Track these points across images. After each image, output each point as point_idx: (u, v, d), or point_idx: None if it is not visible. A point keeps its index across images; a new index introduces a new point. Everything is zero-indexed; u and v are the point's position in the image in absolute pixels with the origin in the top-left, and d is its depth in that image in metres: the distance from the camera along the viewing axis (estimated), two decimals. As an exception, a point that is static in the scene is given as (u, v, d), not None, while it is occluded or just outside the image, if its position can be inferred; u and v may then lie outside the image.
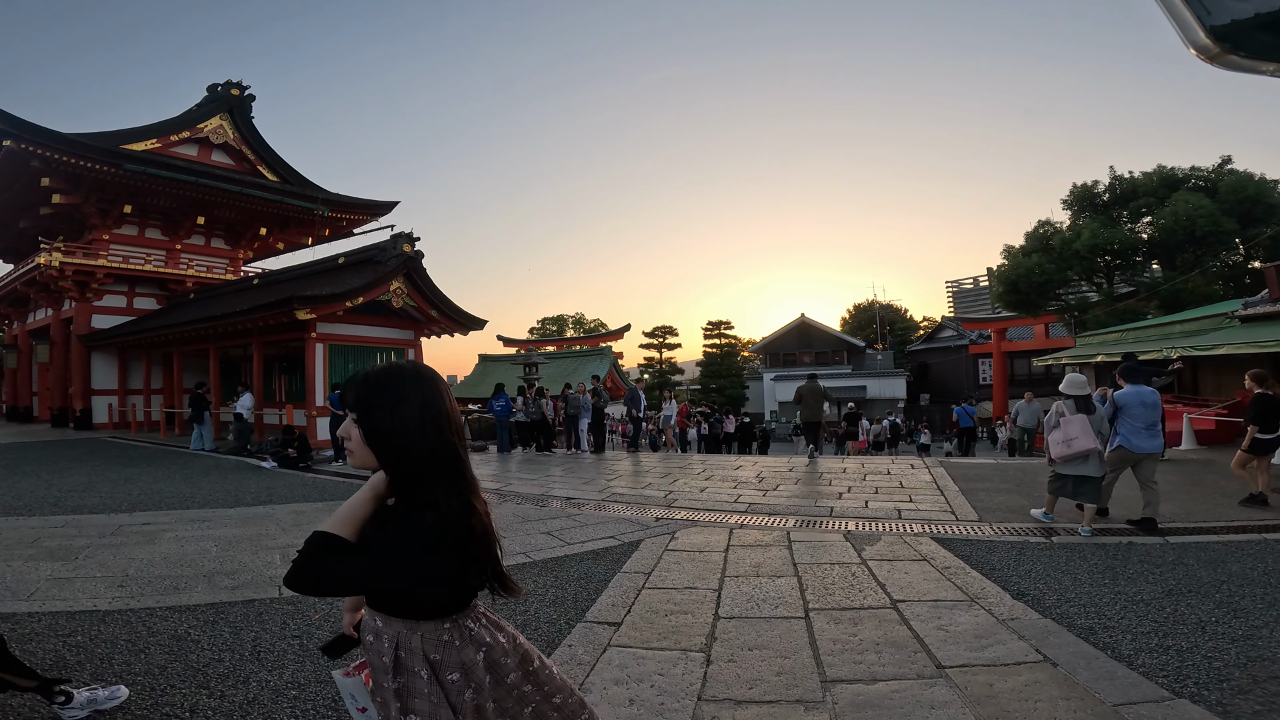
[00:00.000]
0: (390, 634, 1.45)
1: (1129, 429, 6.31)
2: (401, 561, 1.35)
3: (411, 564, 1.36)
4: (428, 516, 1.36)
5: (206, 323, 16.68)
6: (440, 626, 1.46)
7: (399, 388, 1.43)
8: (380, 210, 27.69)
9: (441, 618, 1.46)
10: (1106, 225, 26.20)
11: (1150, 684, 3.00)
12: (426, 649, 1.44)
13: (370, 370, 1.47)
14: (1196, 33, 0.94)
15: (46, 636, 3.68)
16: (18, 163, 18.78)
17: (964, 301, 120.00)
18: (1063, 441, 6.06)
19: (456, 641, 1.47)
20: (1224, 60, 0.97)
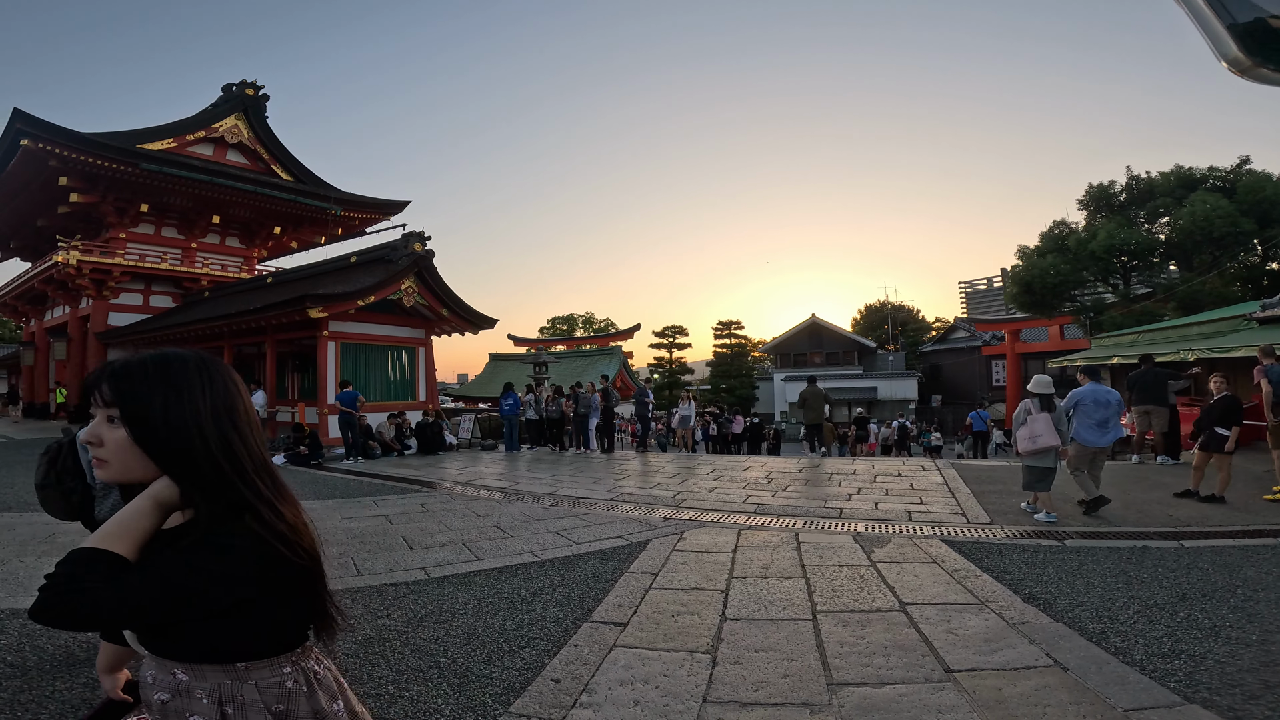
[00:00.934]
0: (206, 688, 1.07)
1: (1082, 424, 6.79)
2: (209, 577, 1.01)
3: (223, 580, 1.02)
4: (237, 525, 1.06)
5: (221, 320, 16.84)
6: (278, 670, 1.12)
7: (177, 375, 1.12)
8: (392, 209, 27.84)
9: (277, 655, 1.12)
10: (1123, 226, 25.92)
11: (1162, 689, 2.96)
12: (266, 701, 1.09)
13: (132, 357, 1.14)
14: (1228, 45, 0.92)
15: (56, 632, 3.70)
16: (36, 162, 19.03)
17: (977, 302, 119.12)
18: (1029, 438, 6.52)
19: (304, 688, 1.14)
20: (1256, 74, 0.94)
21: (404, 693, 3.03)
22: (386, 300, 15.58)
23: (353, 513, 7.36)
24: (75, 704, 2.87)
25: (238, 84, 24.72)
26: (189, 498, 1.10)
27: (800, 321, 47.71)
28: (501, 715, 2.83)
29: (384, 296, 15.37)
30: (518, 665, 3.33)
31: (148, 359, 1.14)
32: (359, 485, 9.58)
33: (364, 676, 3.20)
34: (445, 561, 5.28)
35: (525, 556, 5.43)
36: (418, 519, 7.02)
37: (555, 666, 3.31)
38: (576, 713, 2.84)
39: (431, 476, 10.33)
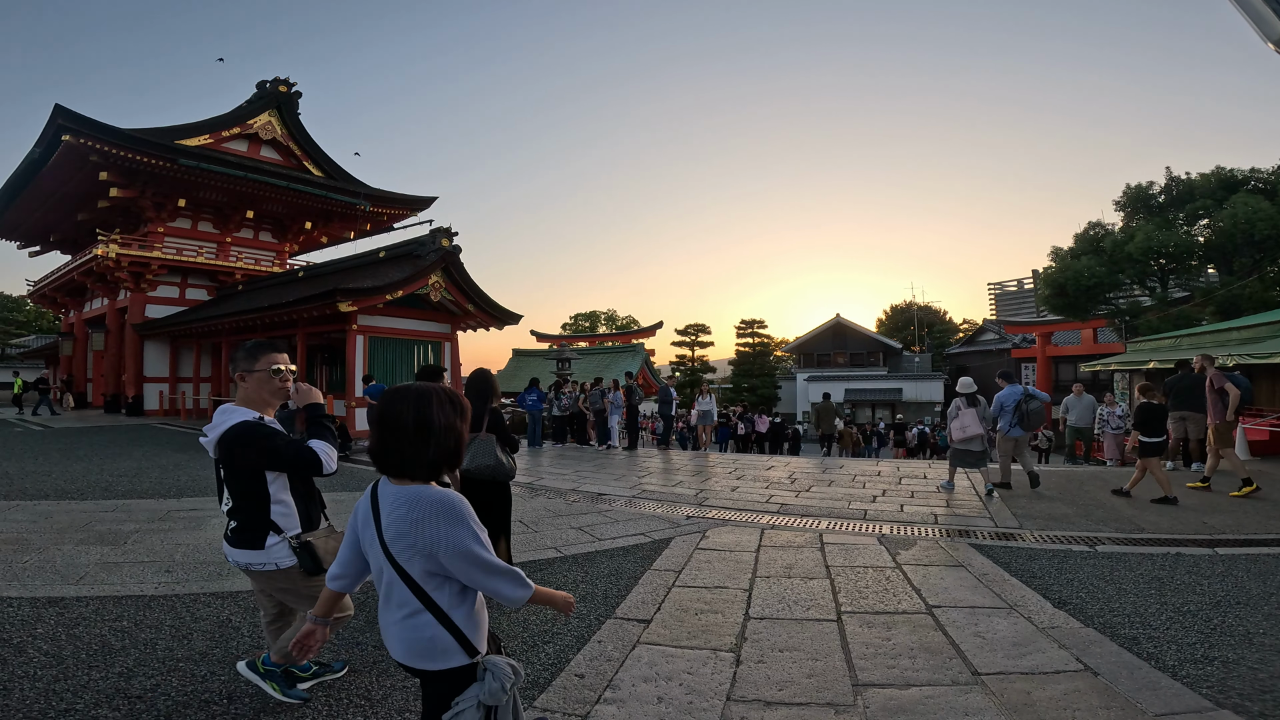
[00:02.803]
0: None
1: (1003, 421, 8.37)
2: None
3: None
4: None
5: (254, 313, 17.14)
6: None
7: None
8: (419, 205, 28.15)
9: None
10: (1161, 227, 25.28)
11: (1193, 694, 2.92)
12: None
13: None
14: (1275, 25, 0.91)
15: (93, 621, 3.79)
16: (78, 157, 19.54)
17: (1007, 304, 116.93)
18: (960, 429, 8.10)
19: None
20: None
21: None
22: (414, 295, 15.76)
23: (379, 504, 7.46)
24: (109, 693, 2.93)
25: (271, 81, 25.16)
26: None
27: (824, 321, 47.34)
28: (526, 709, 2.84)
29: (411, 291, 15.54)
30: (542, 660, 3.36)
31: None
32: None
33: (391, 669, 3.24)
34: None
35: (549, 552, 5.46)
36: (443, 512, 7.10)
37: (579, 662, 3.32)
38: (601, 709, 2.85)
39: (456, 470, 10.42)
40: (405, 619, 1.79)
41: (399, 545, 1.77)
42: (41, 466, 10.13)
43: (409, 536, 1.75)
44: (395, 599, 1.81)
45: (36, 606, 3.99)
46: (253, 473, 2.62)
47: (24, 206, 24.38)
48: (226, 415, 2.60)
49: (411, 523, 1.74)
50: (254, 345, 2.76)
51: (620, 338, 39.56)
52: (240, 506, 2.65)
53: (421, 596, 1.77)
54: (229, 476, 2.66)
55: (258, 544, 2.64)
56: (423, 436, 1.78)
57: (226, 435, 2.55)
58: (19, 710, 2.75)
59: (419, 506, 1.75)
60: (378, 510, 1.83)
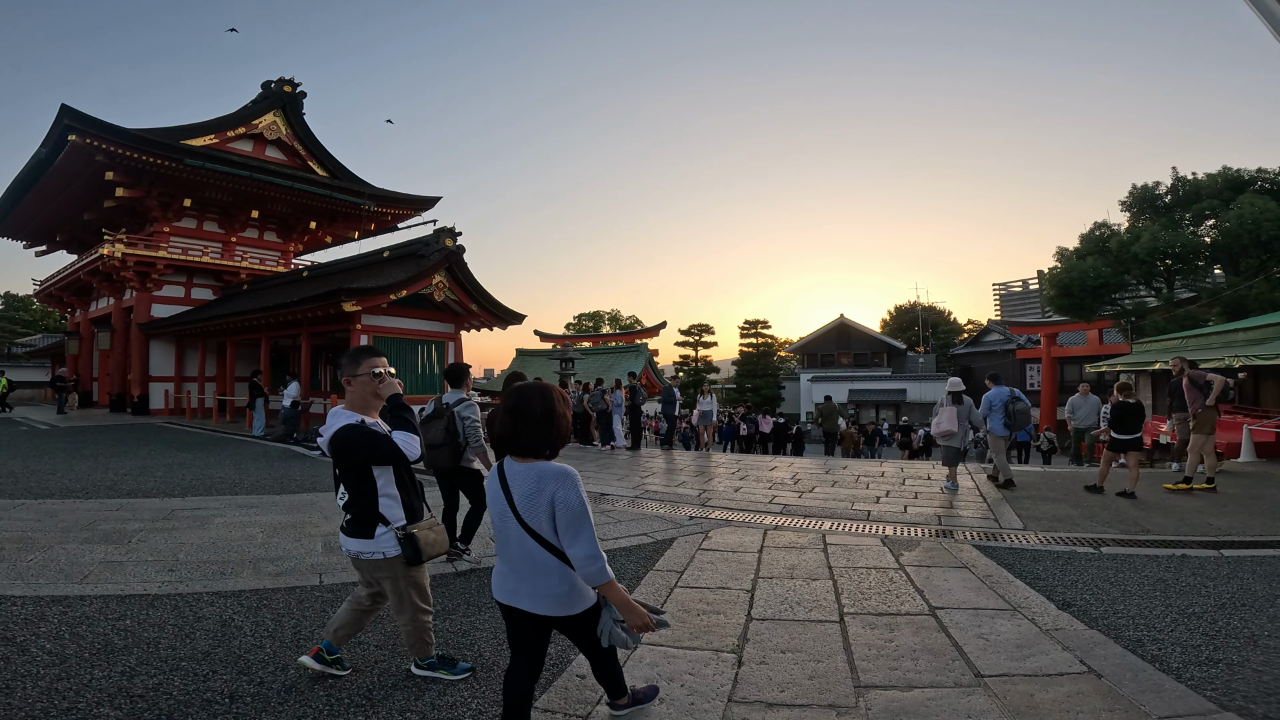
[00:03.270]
0: None
1: (993, 420, 8.78)
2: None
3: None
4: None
5: (259, 313, 17.18)
6: None
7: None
8: (423, 205, 28.18)
9: None
10: (1167, 228, 25.17)
11: (1197, 697, 2.92)
12: None
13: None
14: None
15: (96, 620, 3.80)
16: (84, 157, 19.60)
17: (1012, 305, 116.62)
18: (936, 425, 8.76)
19: None
20: None
21: (431, 686, 3.06)
22: (418, 295, 15.78)
23: (382, 504, 7.47)
24: (112, 692, 2.93)
25: (276, 81, 25.20)
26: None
27: (828, 322, 47.28)
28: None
29: (415, 291, 15.57)
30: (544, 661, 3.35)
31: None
32: (389, 477, 9.70)
33: (392, 669, 3.24)
34: (473, 556, 5.33)
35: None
36: (446, 512, 7.10)
37: (581, 662, 3.31)
38: (602, 709, 2.85)
39: (459, 470, 10.43)
40: (545, 577, 2.27)
41: (529, 510, 2.24)
42: (46, 465, 10.17)
43: (536, 502, 2.22)
44: (533, 562, 2.26)
45: (40, 605, 4.00)
46: (360, 469, 2.89)
47: (30, 206, 24.46)
48: (335, 419, 2.90)
49: (538, 490, 2.21)
50: (356, 351, 3.04)
51: (624, 338, 39.53)
52: (352, 500, 2.92)
53: (556, 554, 2.25)
54: (342, 474, 2.96)
55: (368, 534, 2.90)
56: (548, 422, 2.28)
57: (335, 438, 2.85)
58: (21, 709, 2.76)
59: (545, 476, 2.23)
60: (507, 486, 2.29)
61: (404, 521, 2.94)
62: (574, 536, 2.18)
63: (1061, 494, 8.12)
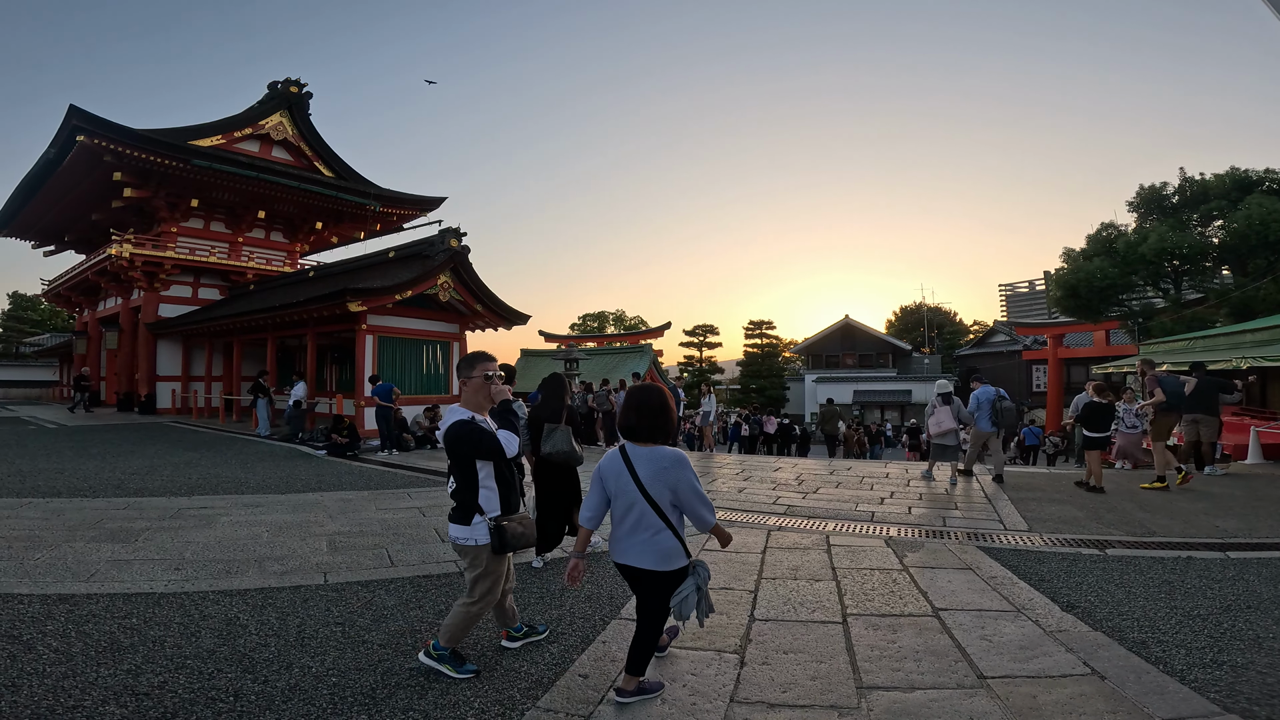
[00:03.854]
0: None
1: (980, 418, 9.13)
2: None
3: None
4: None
5: (265, 313, 17.24)
6: None
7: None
8: (429, 206, 28.24)
9: None
10: (1175, 228, 25.03)
11: (1201, 699, 2.91)
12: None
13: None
14: None
15: (103, 618, 3.82)
16: (92, 158, 19.72)
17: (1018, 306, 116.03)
18: (935, 424, 9.40)
19: None
20: None
21: (434, 684, 3.07)
22: (423, 295, 15.80)
23: (388, 504, 7.49)
24: (117, 690, 2.95)
25: (282, 82, 25.28)
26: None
27: (833, 322, 47.18)
28: (530, 709, 2.86)
29: (420, 291, 15.59)
30: (546, 660, 3.36)
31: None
32: (393, 477, 9.75)
33: (395, 668, 3.25)
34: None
35: (554, 552, 5.47)
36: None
37: (583, 662, 3.33)
38: (604, 709, 2.86)
39: (464, 470, 10.45)
40: (653, 537, 2.83)
41: (654, 486, 2.82)
42: (54, 464, 10.23)
43: (661, 479, 2.81)
44: (645, 525, 2.83)
45: (47, 604, 4.03)
46: (466, 462, 3.17)
47: (39, 206, 24.63)
48: (450, 415, 3.24)
49: (661, 470, 2.82)
50: (471, 356, 3.37)
51: (628, 338, 39.51)
52: (458, 489, 3.22)
53: (665, 521, 2.83)
54: (452, 465, 3.25)
55: (466, 521, 3.18)
56: (665, 415, 2.91)
57: (448, 432, 3.17)
58: (27, 706, 2.78)
59: (665, 459, 2.84)
60: (630, 465, 2.86)
61: (498, 513, 3.18)
62: (696, 504, 2.85)
63: (1066, 495, 8.09)
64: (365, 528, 6.25)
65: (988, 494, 8.23)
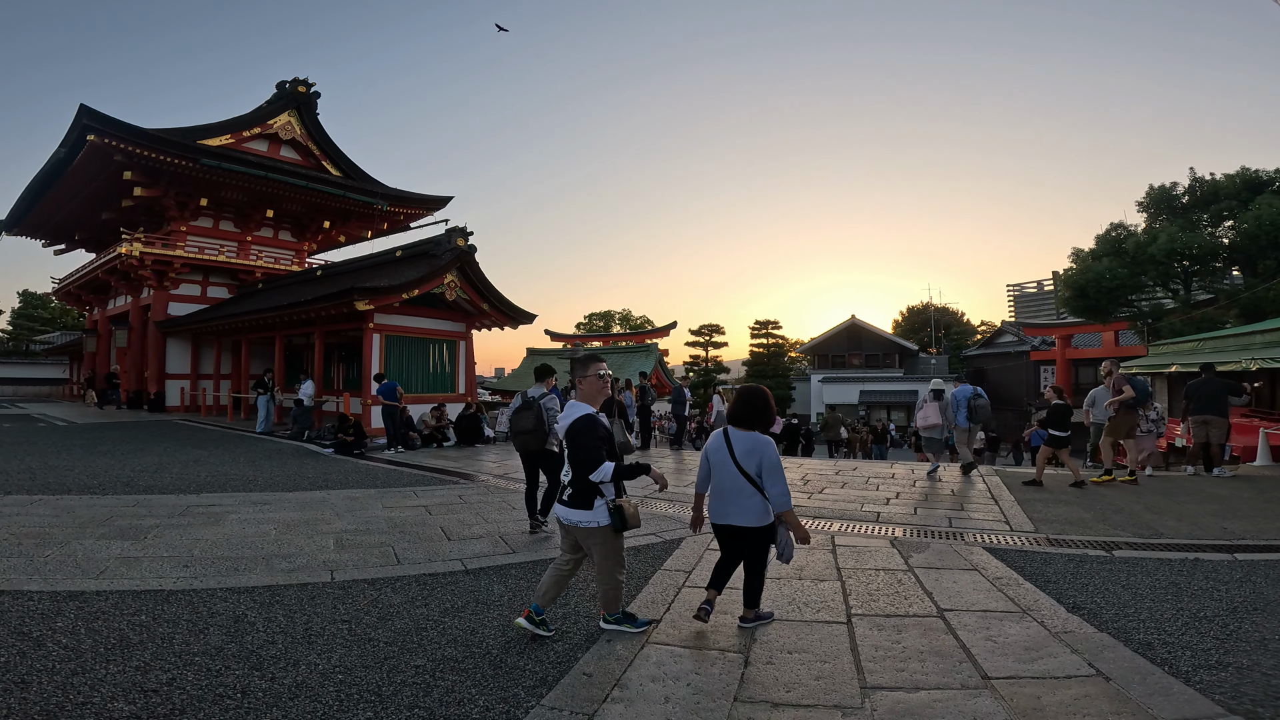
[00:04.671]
0: None
1: (959, 414, 10.05)
2: None
3: None
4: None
5: (273, 312, 17.34)
6: None
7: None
8: (435, 205, 28.33)
9: None
10: (1185, 229, 24.86)
11: (1206, 700, 2.90)
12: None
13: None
14: None
15: (112, 615, 3.85)
16: (102, 157, 19.87)
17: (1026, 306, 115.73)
18: (923, 419, 10.32)
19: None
20: None
21: (439, 682, 3.09)
22: (430, 294, 15.86)
23: (394, 502, 7.53)
24: (126, 687, 2.97)
25: (290, 81, 25.42)
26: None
27: (839, 322, 47.10)
28: (534, 707, 2.87)
29: (427, 290, 15.64)
30: (550, 658, 3.37)
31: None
32: (399, 475, 9.79)
33: (401, 665, 3.27)
34: (482, 553, 5.37)
35: (557, 551, 5.48)
36: (455, 510, 7.15)
37: (588, 661, 3.34)
38: (608, 708, 2.87)
39: (469, 469, 10.50)
40: (748, 501, 3.62)
41: (746, 460, 3.63)
42: (65, 461, 10.32)
43: (751, 455, 3.62)
44: (741, 492, 3.64)
45: (57, 600, 4.06)
46: (594, 451, 3.48)
47: (49, 205, 24.83)
48: (574, 409, 3.62)
49: (753, 449, 3.64)
50: (585, 357, 3.80)
51: (634, 338, 39.50)
52: (578, 477, 3.54)
53: (756, 487, 3.61)
54: (571, 454, 3.56)
55: (588, 505, 3.55)
56: (768, 409, 3.78)
57: (575, 424, 3.54)
58: (36, 703, 2.80)
59: (757, 441, 3.67)
60: (729, 443, 3.70)
61: (614, 496, 3.55)
62: (774, 481, 3.59)
63: (1074, 496, 8.06)
64: (371, 526, 6.28)
65: (994, 495, 8.21)
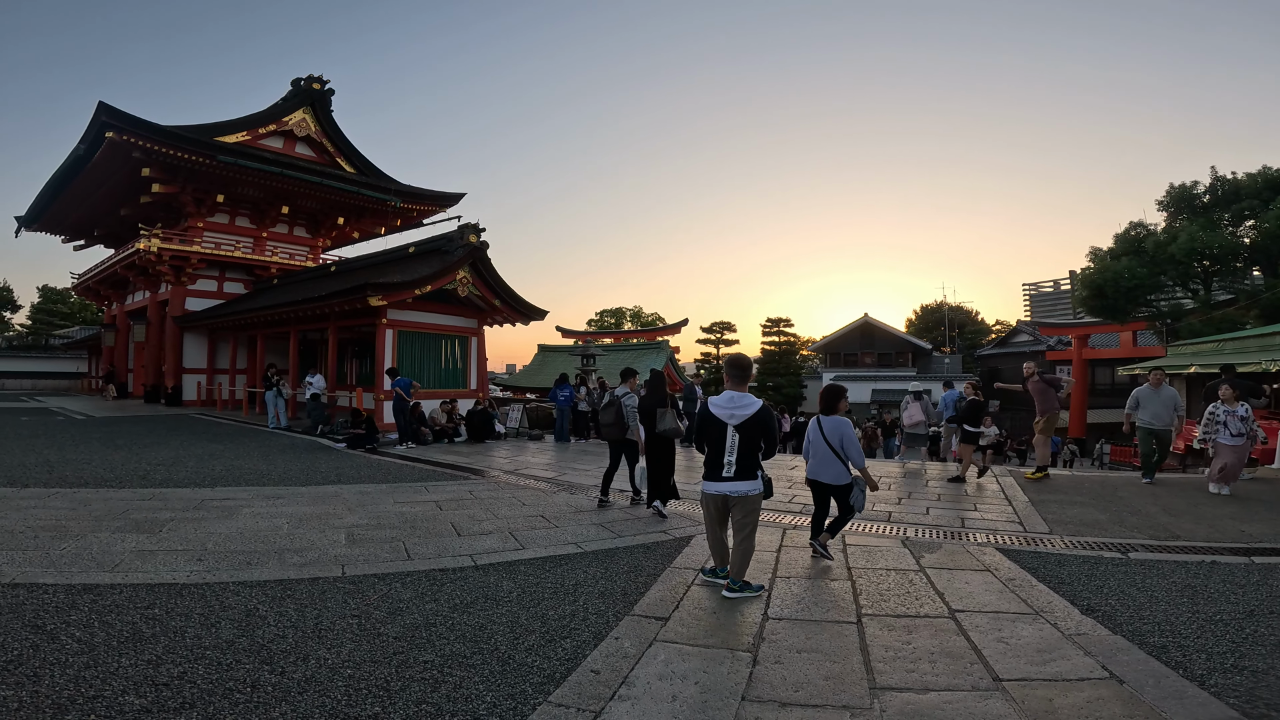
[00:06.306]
0: None
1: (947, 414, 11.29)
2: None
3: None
4: None
5: (288, 307, 17.48)
6: None
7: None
8: (448, 202, 28.43)
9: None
10: (1206, 228, 24.52)
11: (1220, 704, 2.87)
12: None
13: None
14: None
15: (126, 608, 3.87)
16: (120, 154, 20.08)
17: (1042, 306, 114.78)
18: (908, 417, 11.80)
19: None
20: None
21: (448, 678, 3.10)
22: (442, 290, 15.92)
23: (405, 497, 7.56)
24: (138, 681, 2.99)
25: (305, 78, 25.55)
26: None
27: (852, 321, 46.79)
28: (541, 704, 2.87)
29: (440, 286, 15.70)
30: (558, 655, 3.37)
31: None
32: (411, 470, 9.83)
33: (410, 660, 3.28)
34: (492, 549, 5.39)
35: (569, 547, 5.49)
36: (466, 506, 7.17)
37: (595, 658, 3.34)
38: (614, 705, 2.86)
39: (480, 464, 10.53)
40: (832, 466, 5.12)
41: (831, 436, 5.12)
42: (81, 455, 10.45)
43: (834, 433, 5.13)
44: (829, 460, 5.13)
45: (72, 593, 4.09)
46: (768, 436, 4.38)
47: (68, 201, 25.14)
48: (751, 401, 4.36)
49: (834, 428, 5.15)
50: (747, 360, 4.78)
51: (645, 335, 39.46)
52: (745, 455, 4.31)
53: (838, 456, 5.10)
54: (744, 438, 4.29)
55: (753, 478, 4.34)
56: (841, 398, 5.41)
57: (762, 412, 4.33)
58: (48, 696, 2.81)
59: (839, 423, 5.18)
60: (820, 425, 5.18)
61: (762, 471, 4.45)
62: (852, 450, 5.09)
63: (1090, 498, 7.97)
64: (383, 521, 6.31)
65: (1008, 496, 8.13)
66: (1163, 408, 9.13)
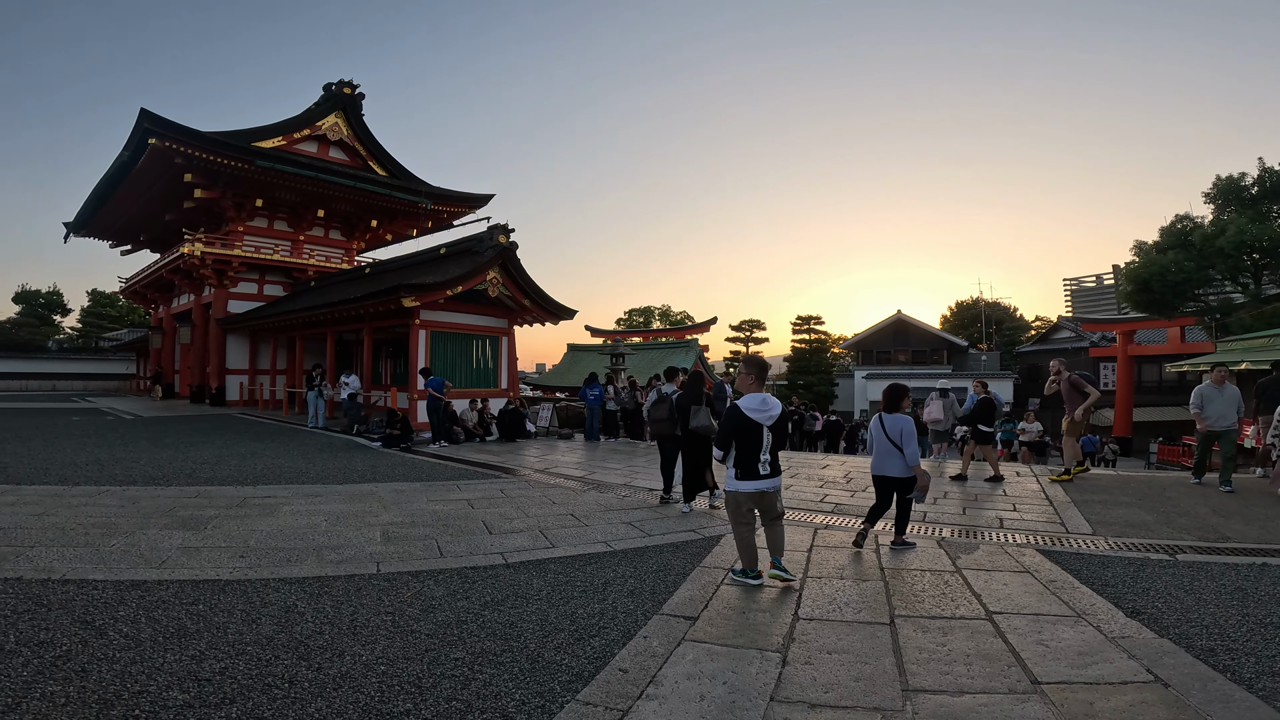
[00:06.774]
0: None
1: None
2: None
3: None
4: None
5: (325, 309, 17.83)
6: None
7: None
8: (478, 203, 28.72)
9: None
10: (1255, 220, 23.64)
11: (1268, 707, 2.77)
12: None
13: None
14: None
15: (171, 604, 3.97)
16: (163, 160, 20.70)
17: (1083, 301, 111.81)
18: (929, 414, 11.95)
19: None
20: None
21: (477, 675, 3.12)
22: (473, 290, 16.09)
23: (438, 496, 7.66)
24: (181, 676, 3.05)
25: (336, 83, 26.03)
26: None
27: (885, 318, 46.08)
28: (569, 702, 2.88)
29: (471, 287, 15.87)
30: (587, 653, 3.38)
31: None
32: (444, 469, 9.96)
33: (441, 657, 3.32)
34: (522, 548, 5.42)
35: (599, 546, 5.50)
36: (497, 504, 7.23)
37: (624, 657, 3.34)
38: (642, 704, 2.86)
39: (511, 463, 10.62)
40: (894, 460, 5.39)
41: (892, 431, 5.40)
42: (130, 454, 10.79)
43: (894, 429, 5.39)
44: (891, 454, 5.40)
45: (120, 589, 4.21)
46: (783, 433, 4.65)
47: (115, 207, 26.01)
48: (775, 401, 4.55)
49: (895, 424, 5.41)
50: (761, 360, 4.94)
51: (674, 333, 39.41)
52: (774, 451, 4.53)
53: (897, 449, 5.36)
54: (776, 438, 4.51)
55: (779, 472, 4.58)
56: (904, 396, 5.61)
57: (784, 413, 4.58)
58: (95, 691, 2.89)
59: (900, 419, 5.43)
60: (881, 422, 5.48)
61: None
62: (910, 444, 5.31)
63: (1136, 498, 7.73)
64: (416, 519, 6.40)
65: (1049, 496, 7.93)
66: (1228, 406, 8.72)
